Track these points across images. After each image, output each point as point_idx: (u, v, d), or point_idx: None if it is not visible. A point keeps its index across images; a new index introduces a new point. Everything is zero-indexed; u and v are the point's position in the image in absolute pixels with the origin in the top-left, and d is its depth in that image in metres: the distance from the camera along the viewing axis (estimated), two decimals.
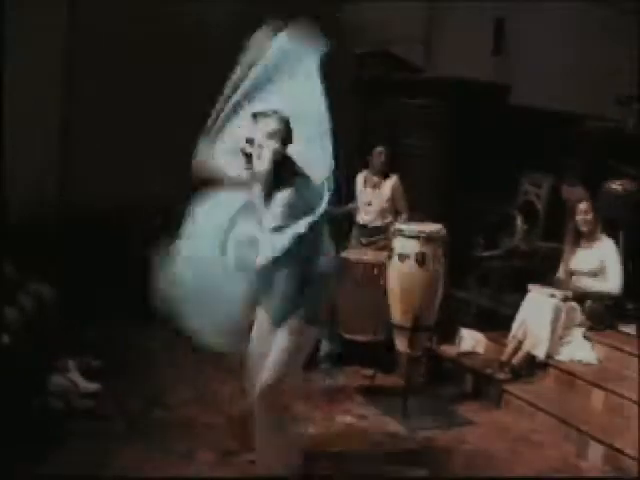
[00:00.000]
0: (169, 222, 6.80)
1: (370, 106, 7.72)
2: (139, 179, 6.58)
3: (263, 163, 3.71)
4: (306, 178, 3.74)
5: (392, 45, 8.22)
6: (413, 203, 6.58)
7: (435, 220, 5.59)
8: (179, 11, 7.00)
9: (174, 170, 6.53)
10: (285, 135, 3.74)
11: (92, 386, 4.97)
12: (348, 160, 6.77)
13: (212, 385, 5.37)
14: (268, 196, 3.70)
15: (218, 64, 6.64)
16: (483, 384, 5.75)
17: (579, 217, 5.94)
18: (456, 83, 7.28)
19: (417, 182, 6.84)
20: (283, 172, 3.72)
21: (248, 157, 3.76)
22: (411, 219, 6.22)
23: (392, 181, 6.60)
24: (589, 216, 5.89)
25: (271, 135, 3.70)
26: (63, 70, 6.74)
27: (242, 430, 4.32)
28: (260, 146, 3.71)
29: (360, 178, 6.75)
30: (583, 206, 5.94)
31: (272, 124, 3.72)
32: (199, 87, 6.67)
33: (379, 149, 6.64)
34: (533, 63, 8.31)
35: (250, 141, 3.74)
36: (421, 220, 5.74)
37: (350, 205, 6.80)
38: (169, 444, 4.35)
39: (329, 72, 3.77)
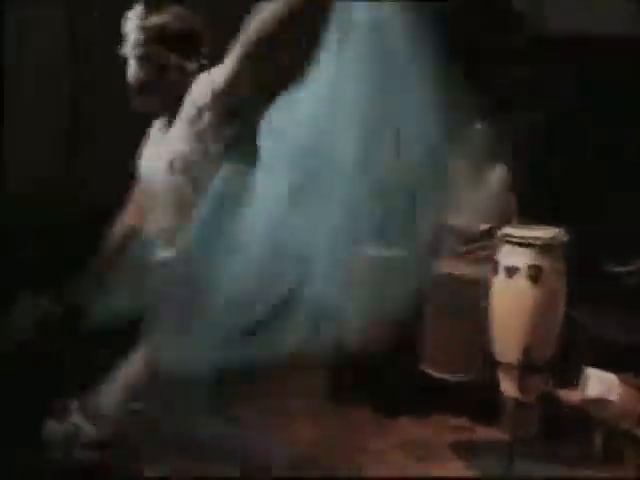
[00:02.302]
0: None
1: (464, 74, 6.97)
2: None
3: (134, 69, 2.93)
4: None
5: None
6: (522, 200, 5.78)
7: (552, 222, 4.78)
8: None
9: None
10: (182, 38, 2.90)
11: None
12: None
13: None
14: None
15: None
16: (617, 442, 4.85)
17: None
18: (580, 40, 6.46)
19: (527, 172, 6.01)
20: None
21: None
22: (522, 221, 5.44)
23: (498, 172, 5.79)
24: None
25: (150, 30, 2.87)
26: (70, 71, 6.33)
27: None
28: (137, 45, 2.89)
29: (451, 167, 5.90)
30: None
31: (159, 19, 2.90)
32: None
33: (479, 128, 5.78)
34: None
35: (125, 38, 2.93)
36: (534, 223, 4.95)
37: None
38: None
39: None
